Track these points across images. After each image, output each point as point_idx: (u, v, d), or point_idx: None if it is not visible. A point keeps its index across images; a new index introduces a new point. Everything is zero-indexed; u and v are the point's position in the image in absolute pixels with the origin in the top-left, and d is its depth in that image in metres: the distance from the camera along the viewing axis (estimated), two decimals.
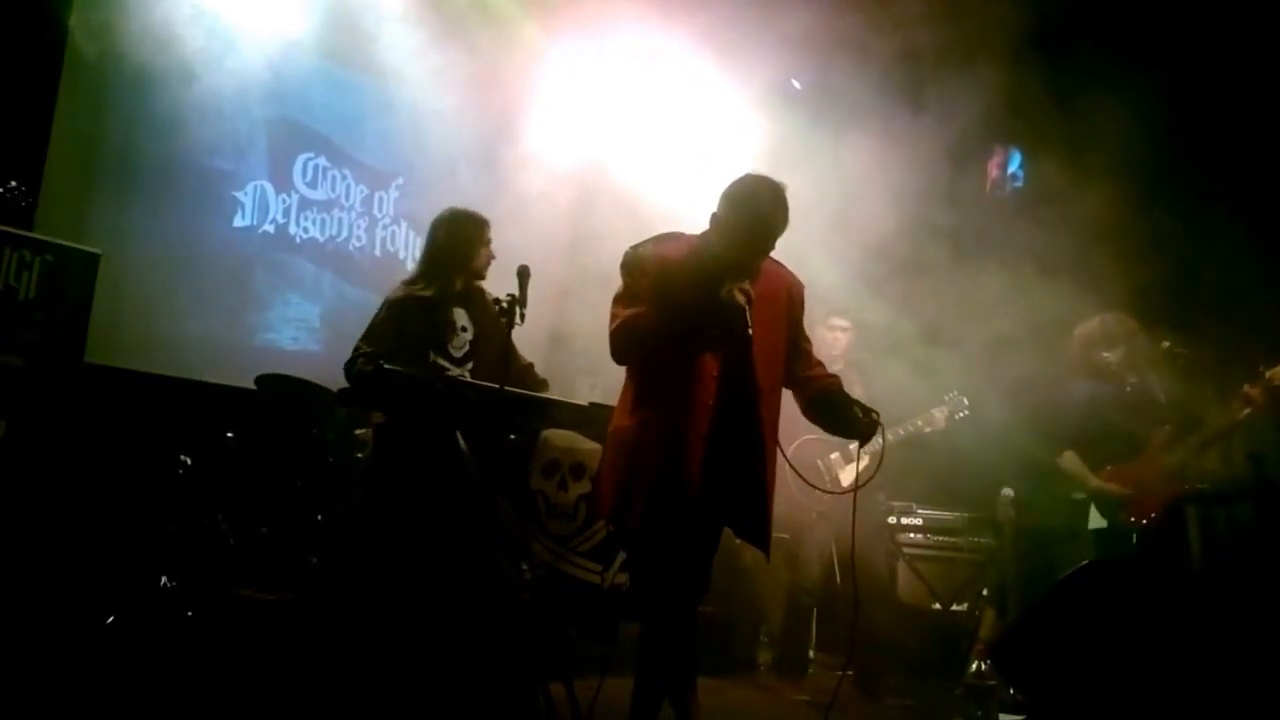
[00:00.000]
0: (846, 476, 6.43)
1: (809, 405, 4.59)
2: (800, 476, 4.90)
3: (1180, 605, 4.39)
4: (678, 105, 8.45)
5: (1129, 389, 6.38)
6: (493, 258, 5.53)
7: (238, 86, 7.25)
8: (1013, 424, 6.52)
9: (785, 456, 4.47)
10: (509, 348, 5.00)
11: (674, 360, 4.24)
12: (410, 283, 5.49)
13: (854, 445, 6.26)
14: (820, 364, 4.64)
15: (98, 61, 6.73)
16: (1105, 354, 6.35)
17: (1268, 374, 6.08)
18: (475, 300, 5.50)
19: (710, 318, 4.17)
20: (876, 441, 4.48)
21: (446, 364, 5.37)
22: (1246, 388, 6.10)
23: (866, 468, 4.50)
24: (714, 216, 4.32)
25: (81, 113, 6.71)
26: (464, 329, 5.45)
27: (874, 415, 4.44)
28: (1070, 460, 6.42)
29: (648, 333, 4.21)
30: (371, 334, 5.38)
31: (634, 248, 4.37)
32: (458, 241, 5.48)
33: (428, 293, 5.41)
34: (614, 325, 4.28)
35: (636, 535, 4.29)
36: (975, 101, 7.17)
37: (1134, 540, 6.18)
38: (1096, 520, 6.31)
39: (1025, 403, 6.52)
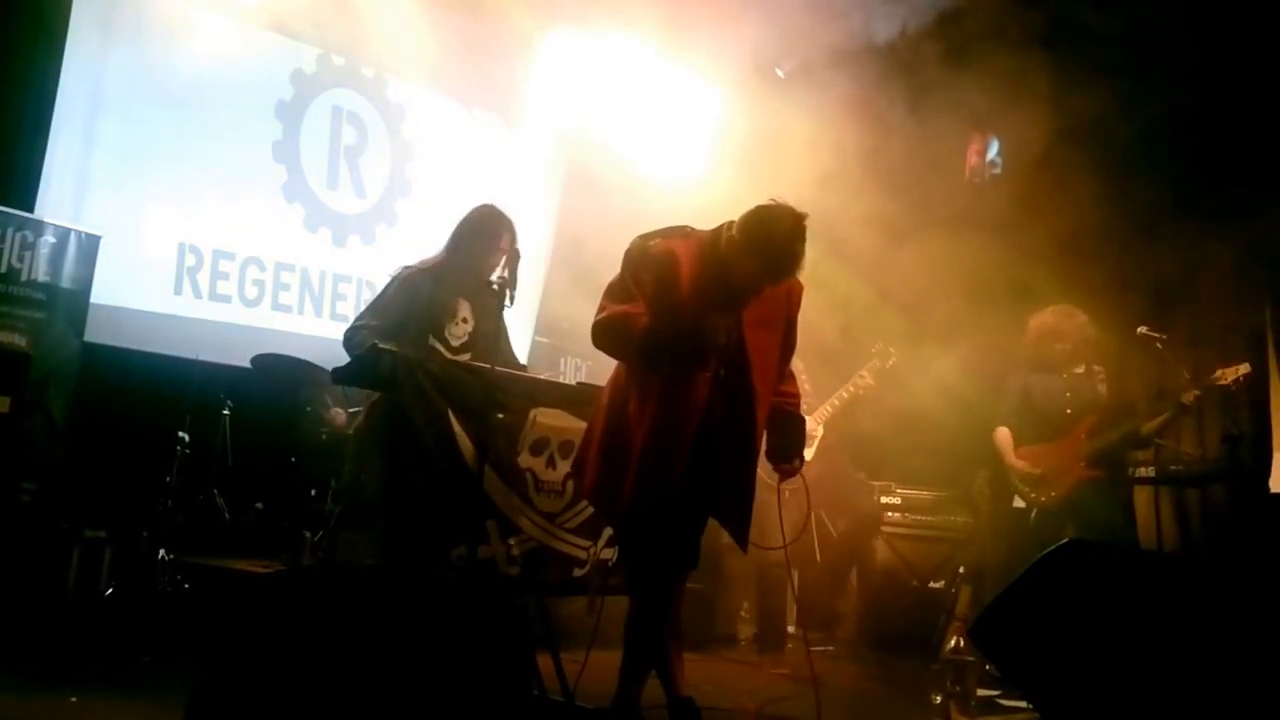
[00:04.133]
0: (809, 451, 6.35)
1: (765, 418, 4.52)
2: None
3: (1156, 584, 4.48)
4: (664, 92, 8.54)
5: (1065, 377, 6.55)
6: (499, 264, 5.40)
7: (239, 73, 7.38)
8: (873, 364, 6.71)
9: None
10: (499, 334, 5.12)
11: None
12: (425, 265, 5.53)
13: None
14: (793, 378, 4.60)
15: (100, 46, 6.80)
16: (1057, 346, 6.54)
17: (1217, 373, 6.24)
18: (482, 297, 5.51)
19: (682, 343, 4.11)
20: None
21: (443, 350, 5.44)
22: (1183, 395, 6.27)
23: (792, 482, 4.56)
24: (730, 238, 4.19)
25: (83, 97, 6.75)
26: (465, 320, 5.50)
27: (796, 464, 4.47)
28: (1001, 436, 6.64)
29: (628, 337, 4.16)
30: (377, 307, 5.45)
31: (642, 239, 4.25)
32: (472, 239, 5.50)
33: (438, 278, 5.47)
34: (599, 316, 4.23)
35: (620, 522, 4.34)
36: (955, 89, 7.25)
37: (1032, 516, 6.42)
38: (1017, 500, 6.55)
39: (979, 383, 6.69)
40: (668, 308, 4.14)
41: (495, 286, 4.90)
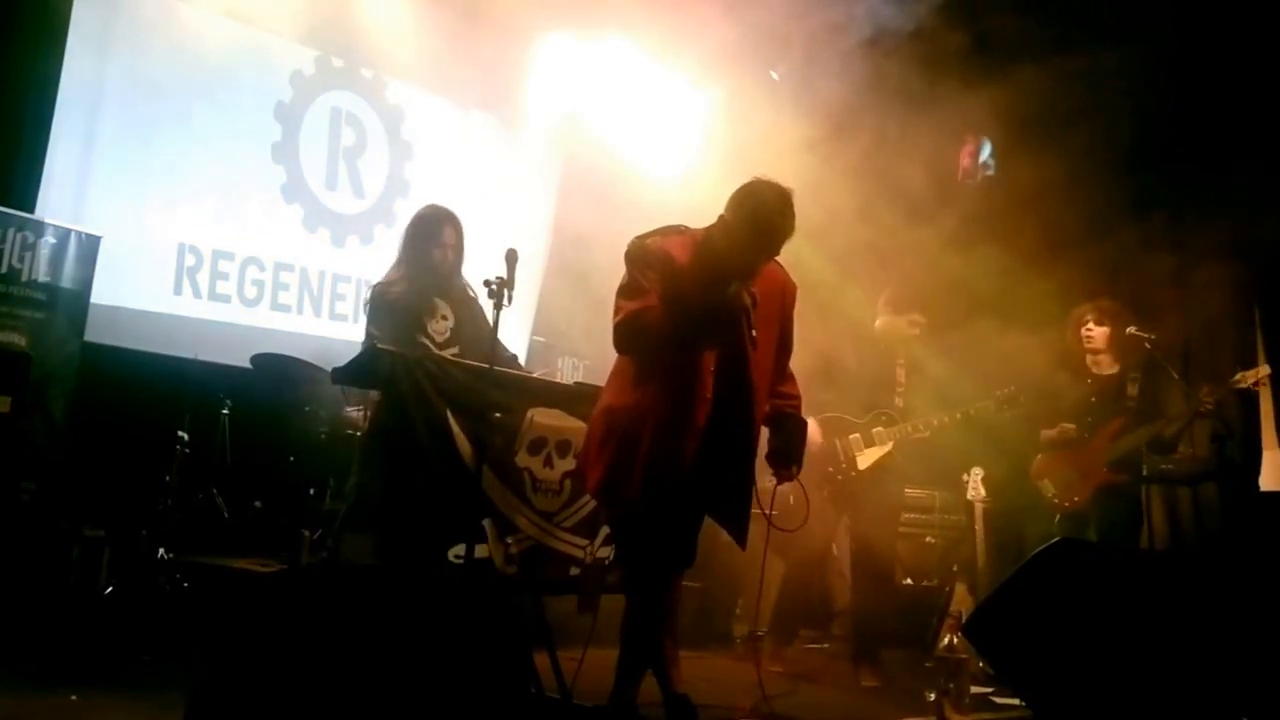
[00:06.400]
0: (864, 460, 6.40)
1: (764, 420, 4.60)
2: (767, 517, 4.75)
3: (1148, 582, 4.51)
4: (659, 94, 8.57)
5: (1105, 376, 6.56)
6: (450, 256, 5.65)
7: (239, 74, 7.43)
8: (985, 404, 6.67)
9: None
10: (495, 330, 5.14)
11: (673, 351, 4.27)
12: (391, 277, 5.69)
13: (854, 436, 6.33)
14: (792, 379, 4.67)
15: (100, 46, 6.83)
16: (1090, 329, 6.55)
17: (1237, 376, 6.26)
18: (454, 290, 5.67)
19: (713, 316, 4.21)
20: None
21: (430, 345, 5.53)
22: (1202, 398, 6.28)
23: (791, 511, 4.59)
24: (721, 219, 4.32)
25: (83, 97, 6.78)
26: (444, 317, 5.62)
27: (794, 470, 4.52)
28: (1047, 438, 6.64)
29: (652, 329, 4.22)
30: (371, 331, 5.57)
31: (639, 239, 4.35)
32: (416, 241, 5.67)
33: (407, 284, 5.60)
34: (618, 318, 4.29)
35: (626, 517, 4.37)
36: (949, 91, 7.28)
37: (1056, 521, 6.44)
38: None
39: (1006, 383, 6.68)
40: (680, 291, 4.24)
41: (493, 287, 4.93)
